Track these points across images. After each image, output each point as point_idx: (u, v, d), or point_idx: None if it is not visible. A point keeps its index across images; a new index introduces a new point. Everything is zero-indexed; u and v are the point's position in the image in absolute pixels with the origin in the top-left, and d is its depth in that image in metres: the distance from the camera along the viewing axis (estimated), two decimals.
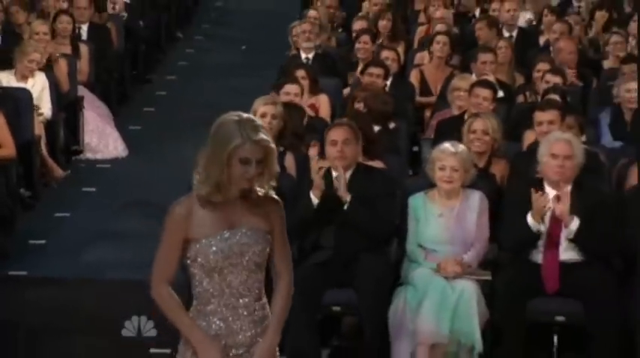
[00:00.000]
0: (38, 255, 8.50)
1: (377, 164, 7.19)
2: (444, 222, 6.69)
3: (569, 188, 6.58)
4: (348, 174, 6.64)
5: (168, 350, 6.40)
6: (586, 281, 6.44)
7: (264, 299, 4.11)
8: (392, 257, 6.88)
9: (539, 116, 7.61)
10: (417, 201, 6.75)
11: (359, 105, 8.17)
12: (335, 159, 6.58)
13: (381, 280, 6.54)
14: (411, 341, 6.37)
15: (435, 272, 6.50)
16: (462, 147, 6.95)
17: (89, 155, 10.55)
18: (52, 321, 7.27)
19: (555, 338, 6.56)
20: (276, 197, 4.14)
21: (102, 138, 10.69)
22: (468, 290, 6.41)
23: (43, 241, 8.72)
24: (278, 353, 4.16)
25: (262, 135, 3.95)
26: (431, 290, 6.36)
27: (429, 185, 6.82)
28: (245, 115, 4.02)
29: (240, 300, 4.03)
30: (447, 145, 6.89)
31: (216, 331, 4.03)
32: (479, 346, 6.36)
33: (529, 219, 6.53)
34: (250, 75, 12.50)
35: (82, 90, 10.72)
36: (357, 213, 6.47)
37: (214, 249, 3.96)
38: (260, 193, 4.06)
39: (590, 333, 6.45)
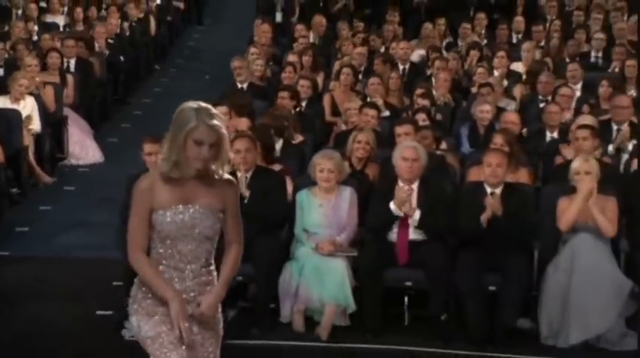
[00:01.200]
0: (20, 239, 8.59)
1: (275, 167, 7.26)
2: (323, 211, 6.80)
3: (416, 184, 6.80)
4: (249, 174, 6.74)
5: None
6: (427, 255, 6.60)
7: (212, 267, 4.00)
8: (283, 238, 6.92)
9: (398, 129, 7.76)
10: (302, 195, 6.88)
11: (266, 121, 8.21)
12: (239, 164, 6.62)
13: (274, 256, 6.62)
14: (295, 302, 6.50)
15: (314, 250, 6.62)
16: (336, 153, 7.08)
17: (72, 161, 10.66)
18: (27, 291, 7.30)
19: (406, 299, 6.71)
20: (231, 178, 4.02)
21: (83, 148, 10.80)
22: (340, 264, 6.55)
23: (26, 228, 8.81)
24: (220, 309, 4.04)
25: (216, 121, 3.81)
26: (308, 264, 6.52)
27: (313, 183, 6.90)
28: (203, 104, 3.86)
29: (188, 266, 3.90)
30: (324, 152, 7.08)
31: None
32: (352, 306, 6.51)
33: (392, 205, 6.68)
34: (211, 98, 12.38)
35: (67, 111, 10.83)
36: (254, 205, 6.48)
37: (168, 220, 3.83)
38: (217, 176, 3.91)
39: (430, 294, 6.60)
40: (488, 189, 6.79)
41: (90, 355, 6.24)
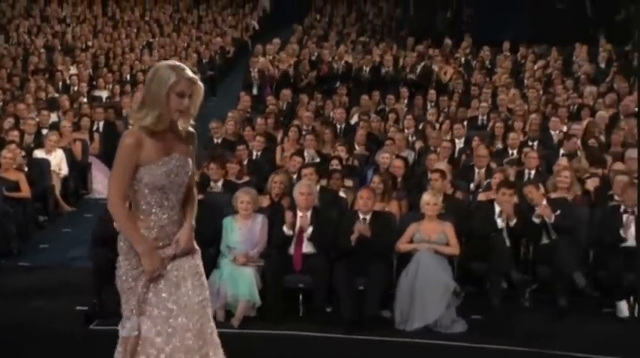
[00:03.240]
0: (41, 253, 8.42)
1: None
2: (241, 232, 6.70)
3: (310, 212, 6.75)
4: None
5: None
6: (314, 264, 6.56)
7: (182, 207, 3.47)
8: (213, 253, 6.70)
9: (303, 171, 7.78)
10: (227, 220, 6.77)
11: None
12: None
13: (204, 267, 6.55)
14: (217, 300, 6.30)
15: (232, 261, 6.53)
16: (253, 190, 7.00)
17: (96, 195, 10.45)
18: (43, 290, 7.16)
19: (300, 296, 6.62)
20: (193, 131, 3.48)
21: (104, 186, 10.56)
22: (250, 271, 6.46)
23: (47, 245, 8.65)
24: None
25: (192, 74, 3.33)
26: (226, 271, 6.44)
27: (235, 211, 6.81)
28: (176, 62, 3.41)
29: (173, 210, 3.40)
30: (244, 189, 7.00)
31: (155, 235, 3.38)
32: (259, 302, 6.42)
33: (285, 228, 6.63)
34: None
35: (93, 159, 10.74)
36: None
37: (159, 172, 3.31)
38: (181, 128, 3.41)
39: (315, 292, 6.52)
40: (361, 216, 6.75)
41: (68, 335, 6.07)
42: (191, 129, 3.46)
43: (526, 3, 18.95)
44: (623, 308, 6.52)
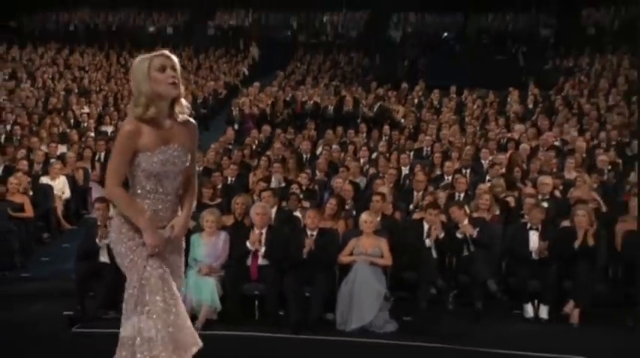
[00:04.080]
0: (42, 266, 8.27)
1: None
2: (206, 247, 6.61)
3: (265, 229, 6.63)
4: None
5: None
6: (268, 274, 6.48)
7: (180, 194, 3.18)
8: None
9: (263, 194, 7.64)
10: (194, 237, 6.63)
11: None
12: None
13: None
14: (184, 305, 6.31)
15: (197, 272, 6.41)
16: (216, 211, 6.89)
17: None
18: (39, 297, 7.05)
19: (256, 302, 6.52)
20: (193, 121, 3.16)
21: None
22: (212, 280, 6.36)
23: (47, 258, 8.49)
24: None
25: (164, 50, 3.01)
26: (191, 280, 6.26)
27: (202, 229, 6.71)
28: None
29: (168, 197, 3.09)
30: (209, 210, 6.91)
31: (148, 217, 3.05)
32: (219, 307, 6.31)
33: (248, 243, 6.56)
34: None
35: (94, 184, 10.37)
36: None
37: (155, 159, 3.00)
38: (179, 118, 3.07)
39: (267, 298, 6.41)
40: (309, 232, 6.68)
41: (52, 335, 5.93)
42: (192, 120, 3.14)
43: (470, 55, 19.29)
44: (529, 309, 6.49)
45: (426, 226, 6.99)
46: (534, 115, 13.59)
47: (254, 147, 12.05)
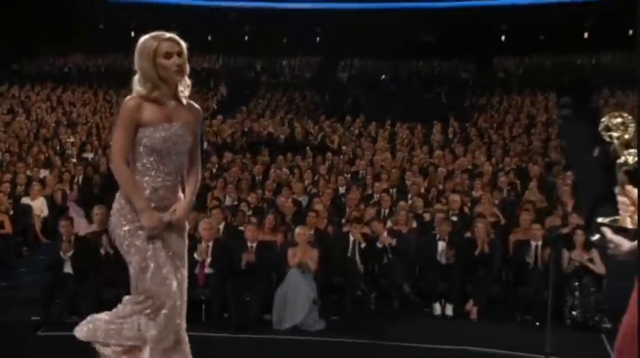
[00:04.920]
0: (17, 275, 7.84)
1: None
2: None
3: (211, 242, 6.39)
4: None
5: None
6: (212, 281, 6.24)
7: (182, 177, 2.77)
8: None
9: (212, 211, 7.36)
10: None
11: None
12: None
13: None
14: None
15: None
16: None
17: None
18: (11, 303, 6.67)
19: (203, 306, 6.17)
20: (197, 106, 2.78)
21: (78, 223, 9.98)
22: None
23: (24, 270, 8.00)
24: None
25: (172, 35, 2.62)
26: None
27: None
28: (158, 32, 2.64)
29: (169, 176, 2.67)
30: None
31: (148, 196, 2.65)
32: None
33: (195, 254, 6.24)
34: None
35: (71, 204, 9.83)
36: None
37: (157, 136, 2.61)
38: (184, 101, 2.69)
39: (212, 303, 6.14)
40: (249, 244, 6.49)
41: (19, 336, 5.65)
42: (197, 105, 2.77)
43: (403, 93, 19.61)
44: (437, 308, 6.43)
45: (351, 238, 6.87)
46: (453, 143, 13.72)
47: (214, 170, 11.77)
